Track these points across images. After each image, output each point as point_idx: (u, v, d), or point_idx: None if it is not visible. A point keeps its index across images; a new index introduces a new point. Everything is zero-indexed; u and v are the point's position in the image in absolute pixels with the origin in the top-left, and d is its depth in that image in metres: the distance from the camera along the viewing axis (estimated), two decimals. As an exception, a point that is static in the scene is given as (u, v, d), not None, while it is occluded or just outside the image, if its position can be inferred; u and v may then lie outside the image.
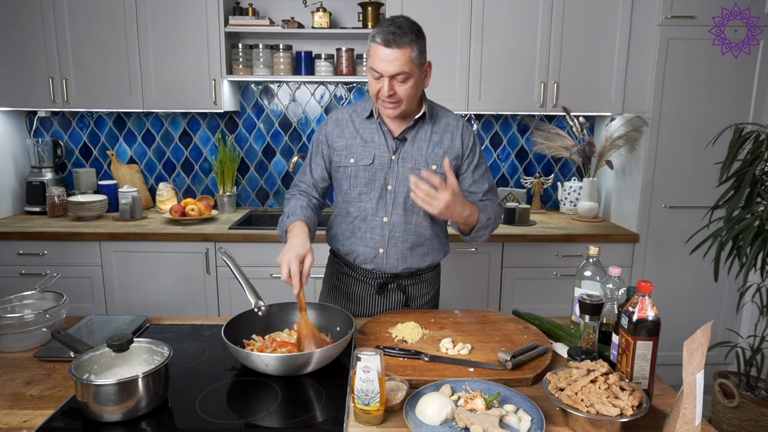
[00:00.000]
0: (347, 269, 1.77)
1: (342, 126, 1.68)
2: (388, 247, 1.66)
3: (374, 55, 1.49)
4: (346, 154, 1.65)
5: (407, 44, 1.47)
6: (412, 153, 1.63)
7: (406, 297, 1.75)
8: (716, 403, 2.40)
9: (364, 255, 1.69)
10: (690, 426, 0.96)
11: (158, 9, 2.79)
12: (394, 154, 1.63)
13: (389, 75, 1.48)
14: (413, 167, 1.62)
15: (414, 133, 1.64)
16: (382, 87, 1.50)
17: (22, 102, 2.89)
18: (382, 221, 1.65)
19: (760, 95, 2.69)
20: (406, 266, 1.69)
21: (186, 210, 2.83)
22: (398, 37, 1.45)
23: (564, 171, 3.37)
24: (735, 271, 2.22)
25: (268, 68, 2.98)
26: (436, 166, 1.63)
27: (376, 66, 1.48)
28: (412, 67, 1.49)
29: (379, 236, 1.66)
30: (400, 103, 1.53)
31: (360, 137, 1.65)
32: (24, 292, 1.53)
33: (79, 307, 2.67)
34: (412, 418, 1.08)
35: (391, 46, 1.46)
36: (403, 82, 1.50)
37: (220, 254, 1.55)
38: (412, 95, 1.54)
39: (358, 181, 1.64)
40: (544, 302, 2.79)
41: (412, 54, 1.48)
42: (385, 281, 1.73)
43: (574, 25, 2.82)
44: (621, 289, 1.29)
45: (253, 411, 1.14)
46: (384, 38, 1.45)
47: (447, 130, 1.66)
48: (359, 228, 1.68)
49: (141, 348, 1.23)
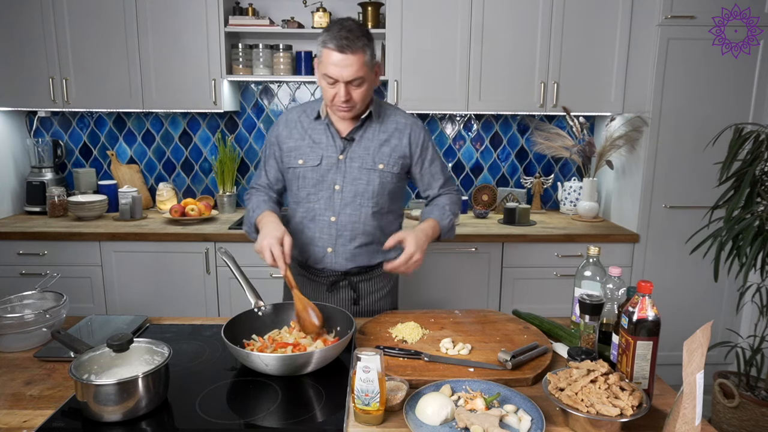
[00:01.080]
0: (298, 268, 1.78)
1: (291, 127, 1.70)
2: (337, 246, 1.68)
3: (327, 61, 1.49)
4: (295, 156, 1.67)
5: (360, 49, 1.48)
6: (359, 152, 1.65)
7: (356, 294, 1.75)
8: (716, 403, 2.40)
9: (314, 255, 1.71)
10: (690, 426, 0.96)
11: (158, 9, 2.79)
12: (341, 154, 1.64)
13: (345, 80, 1.49)
14: (360, 166, 1.64)
15: (362, 133, 1.65)
16: (337, 92, 1.51)
17: (22, 102, 2.89)
18: (330, 221, 1.67)
19: (760, 95, 2.69)
20: (356, 264, 1.71)
21: (186, 210, 2.83)
22: (351, 42, 1.46)
23: (564, 171, 3.37)
24: (735, 271, 2.22)
25: (268, 68, 2.98)
26: (383, 164, 1.65)
27: (331, 72, 1.49)
28: (366, 71, 1.51)
29: (327, 236, 1.68)
30: (355, 107, 1.56)
31: (309, 138, 1.66)
32: (24, 292, 1.53)
33: (79, 307, 2.67)
34: (412, 418, 1.08)
35: (345, 52, 1.46)
36: (359, 86, 1.52)
37: (220, 254, 1.55)
38: (366, 98, 1.57)
39: (306, 182, 1.66)
40: (544, 302, 2.79)
41: (366, 58, 1.50)
42: (335, 279, 1.74)
43: (574, 25, 2.82)
44: (621, 289, 1.29)
45: (253, 411, 1.14)
46: (337, 44, 1.46)
47: (396, 129, 1.68)
48: (308, 228, 1.70)
49: (141, 348, 1.23)
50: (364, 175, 1.64)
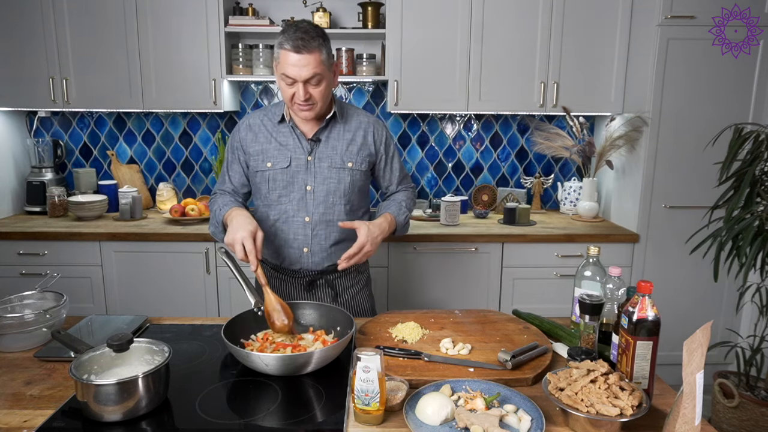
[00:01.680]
0: (273, 272, 1.79)
1: (255, 131, 1.71)
2: (312, 245, 1.71)
3: (285, 62, 1.53)
4: (263, 159, 1.69)
5: (316, 48, 1.52)
6: (327, 152, 1.68)
7: (334, 291, 1.78)
8: (716, 403, 2.40)
9: (290, 256, 1.73)
10: (690, 426, 0.96)
11: (158, 9, 2.79)
12: (309, 155, 1.68)
13: (303, 79, 1.53)
14: (330, 166, 1.68)
15: (327, 133, 1.69)
16: (296, 92, 1.55)
17: (22, 102, 2.89)
18: (304, 221, 1.69)
19: (760, 95, 2.69)
20: (331, 262, 1.73)
21: (186, 210, 2.84)
22: (307, 42, 1.50)
23: (564, 171, 3.37)
24: (735, 271, 2.22)
25: (268, 68, 2.98)
26: (352, 163, 1.70)
27: (289, 72, 1.53)
28: (323, 69, 1.55)
29: (302, 236, 1.70)
30: (315, 105, 1.59)
31: (275, 141, 1.69)
32: (24, 292, 1.53)
33: (79, 307, 2.67)
34: (412, 418, 1.08)
35: (302, 52, 1.50)
36: (317, 84, 1.56)
37: (220, 254, 1.55)
38: (326, 96, 1.60)
39: (276, 184, 1.68)
40: (544, 302, 2.79)
41: (322, 57, 1.54)
42: (312, 278, 1.76)
43: (574, 25, 2.82)
44: (621, 289, 1.29)
45: (253, 411, 1.14)
46: (293, 45, 1.50)
47: (359, 128, 1.73)
48: (281, 230, 1.71)
49: (141, 348, 1.23)
50: (335, 174, 1.68)
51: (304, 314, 1.53)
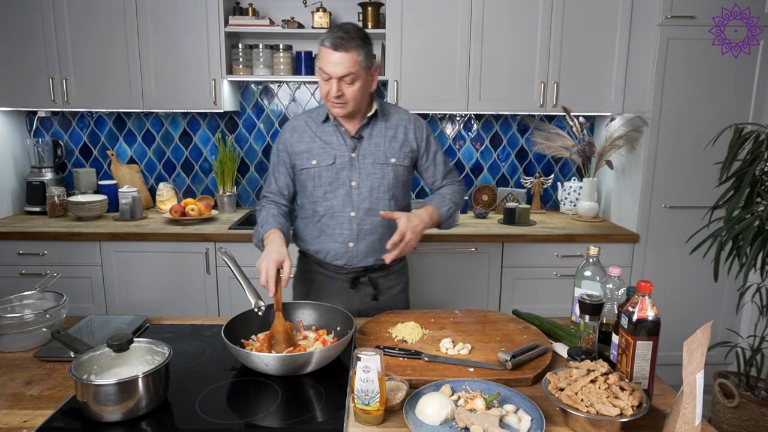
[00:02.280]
0: (318, 267, 1.82)
1: (300, 131, 1.76)
2: (357, 240, 1.74)
3: (323, 58, 1.59)
4: (308, 157, 1.73)
5: (354, 48, 1.57)
6: (370, 149, 1.72)
7: (376, 290, 1.80)
8: (716, 403, 2.40)
9: (335, 251, 1.75)
10: (690, 426, 0.96)
11: (158, 9, 2.79)
12: (353, 151, 1.72)
13: (337, 77, 1.58)
14: (374, 162, 1.72)
15: (369, 131, 1.74)
16: (330, 88, 1.60)
17: (22, 102, 2.89)
18: (350, 216, 1.72)
19: (760, 95, 2.69)
20: (375, 258, 1.76)
21: (186, 210, 2.83)
22: (346, 41, 1.56)
23: (564, 171, 3.37)
24: (735, 271, 2.22)
25: (268, 68, 2.98)
26: (395, 158, 1.74)
27: (325, 68, 1.58)
28: (359, 69, 1.59)
29: (348, 231, 1.73)
30: (347, 104, 1.63)
31: (319, 140, 1.73)
32: (24, 292, 1.53)
33: (79, 307, 2.67)
34: (412, 418, 1.08)
35: (339, 50, 1.56)
36: (351, 83, 1.60)
37: (220, 254, 1.55)
38: (359, 97, 1.64)
39: (322, 180, 1.72)
40: (544, 302, 2.79)
41: (359, 58, 1.59)
42: (356, 275, 1.78)
43: (574, 25, 2.82)
44: (621, 289, 1.29)
45: (253, 411, 1.14)
46: (332, 42, 1.56)
47: (400, 125, 1.77)
48: (327, 225, 1.74)
49: (141, 348, 1.23)
50: (378, 169, 1.72)
51: (304, 314, 1.53)
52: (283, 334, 1.39)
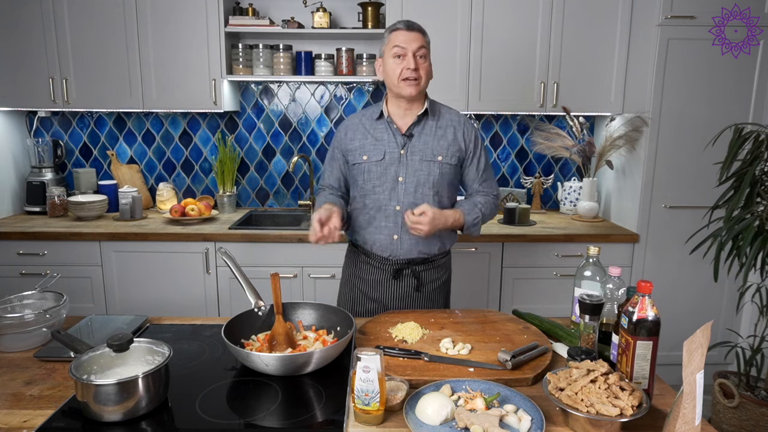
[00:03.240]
0: (365, 257, 1.89)
1: (354, 130, 1.85)
2: (402, 233, 1.80)
3: (396, 38, 1.71)
4: (360, 153, 1.81)
5: (423, 32, 1.75)
6: (419, 146, 1.78)
7: (418, 281, 1.86)
8: (716, 403, 2.40)
9: (381, 242, 1.82)
10: (690, 426, 0.96)
11: (158, 9, 2.79)
12: (402, 148, 1.78)
13: (413, 50, 1.70)
14: (421, 159, 1.77)
15: (420, 129, 1.80)
16: (406, 63, 1.70)
17: (22, 102, 2.89)
18: (395, 209, 1.79)
19: (760, 95, 2.69)
20: (419, 251, 1.82)
21: (186, 210, 2.83)
22: (416, 25, 1.74)
23: (564, 171, 3.37)
24: (735, 271, 2.22)
25: (268, 68, 2.98)
26: (442, 156, 1.78)
27: (401, 43, 1.70)
28: (428, 47, 1.75)
29: (393, 224, 1.80)
30: (420, 80, 1.72)
31: (371, 137, 1.81)
32: (24, 292, 1.53)
33: (79, 307, 2.67)
34: (412, 418, 1.08)
35: (413, 30, 1.72)
36: (424, 58, 1.73)
37: (220, 254, 1.56)
38: (429, 74, 1.76)
39: (371, 175, 1.79)
40: (544, 302, 2.79)
41: (427, 40, 1.75)
42: (400, 267, 1.84)
43: (574, 25, 2.82)
44: (621, 289, 1.29)
45: (253, 411, 1.14)
46: (406, 24, 1.72)
47: (450, 125, 1.83)
48: (374, 218, 1.82)
49: (141, 348, 1.23)
50: (425, 166, 1.77)
51: (304, 314, 1.53)
52: (284, 335, 1.39)
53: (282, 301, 1.44)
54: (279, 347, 1.37)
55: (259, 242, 2.68)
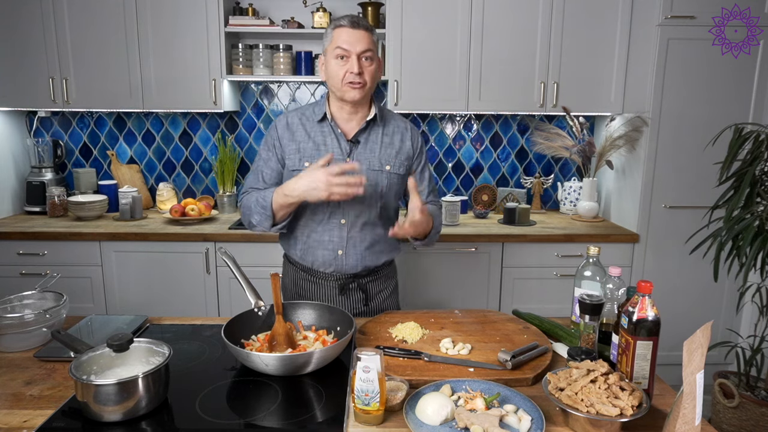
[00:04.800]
0: (305, 274, 1.76)
1: (293, 129, 1.68)
2: (347, 248, 1.69)
3: (340, 37, 1.57)
4: (300, 158, 1.65)
5: (369, 30, 1.60)
6: (365, 155, 1.67)
7: (366, 295, 1.77)
8: (716, 403, 2.40)
9: (323, 258, 1.70)
10: (690, 426, 0.96)
11: (158, 9, 2.79)
12: (348, 156, 1.65)
13: (357, 53, 1.56)
14: (368, 168, 1.65)
15: (366, 136, 1.68)
16: (349, 66, 1.56)
17: (22, 102, 2.89)
18: (340, 223, 1.67)
19: (760, 95, 2.69)
20: (365, 265, 1.72)
21: (186, 210, 2.83)
22: (362, 21, 1.59)
23: (564, 171, 3.37)
24: (735, 271, 2.22)
25: (268, 68, 2.98)
26: (390, 166, 1.68)
27: (344, 45, 1.56)
28: (374, 50, 1.60)
29: (337, 238, 1.68)
30: (365, 85, 1.59)
31: (312, 141, 1.66)
32: (24, 292, 1.53)
33: (79, 307, 2.67)
34: (412, 418, 1.08)
35: (358, 28, 1.57)
36: (369, 62, 1.59)
37: (220, 254, 1.55)
38: (375, 78, 1.62)
39: None
40: (544, 302, 2.79)
41: (373, 39, 1.60)
42: (345, 282, 1.74)
43: (574, 25, 2.82)
44: (621, 289, 1.29)
45: (253, 411, 1.14)
46: (350, 21, 1.57)
47: (396, 131, 1.72)
48: (315, 231, 1.69)
49: (141, 348, 1.23)
50: (372, 176, 1.65)
51: (304, 314, 1.53)
52: (284, 336, 1.39)
53: (282, 301, 1.44)
54: (279, 347, 1.37)
55: (260, 242, 2.68)
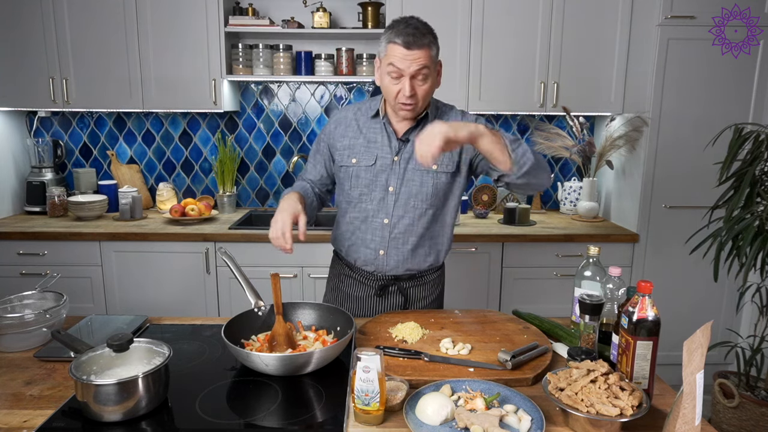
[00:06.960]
0: (348, 270, 1.76)
1: (345, 125, 1.67)
2: (389, 248, 1.65)
3: (392, 55, 1.47)
4: (349, 154, 1.64)
5: (426, 46, 1.47)
6: (413, 153, 1.59)
7: (405, 299, 1.73)
8: (716, 403, 2.40)
9: (365, 257, 1.68)
10: (690, 426, 0.96)
11: (158, 9, 2.79)
12: (396, 155, 1.61)
13: (410, 74, 1.47)
14: (414, 168, 1.61)
15: (416, 134, 1.61)
16: (402, 87, 1.48)
17: (22, 102, 2.89)
18: (383, 222, 1.63)
19: (760, 95, 2.69)
20: (407, 268, 1.68)
21: (186, 210, 2.83)
22: (418, 38, 1.46)
23: (564, 171, 3.37)
24: (735, 271, 2.22)
25: (268, 68, 2.98)
26: (437, 165, 1.62)
27: (398, 63, 1.46)
28: (431, 66, 1.50)
29: (379, 238, 1.65)
30: (417, 105, 1.53)
31: (363, 137, 1.64)
32: (24, 292, 1.53)
33: (79, 307, 2.67)
34: (412, 418, 1.08)
35: (412, 48, 1.45)
36: (423, 81, 1.50)
37: (220, 254, 1.55)
38: (428, 96, 1.55)
39: (359, 181, 1.63)
40: (544, 302, 2.79)
41: (431, 53, 1.49)
42: (385, 283, 1.71)
43: (574, 25, 2.82)
44: (621, 289, 1.29)
45: (253, 411, 1.14)
46: (405, 40, 1.45)
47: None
48: (359, 229, 1.67)
49: (141, 348, 1.23)
50: (418, 176, 1.61)
51: (304, 314, 1.53)
52: (284, 336, 1.39)
53: (282, 301, 1.43)
54: (279, 347, 1.37)
55: (259, 242, 2.68)
